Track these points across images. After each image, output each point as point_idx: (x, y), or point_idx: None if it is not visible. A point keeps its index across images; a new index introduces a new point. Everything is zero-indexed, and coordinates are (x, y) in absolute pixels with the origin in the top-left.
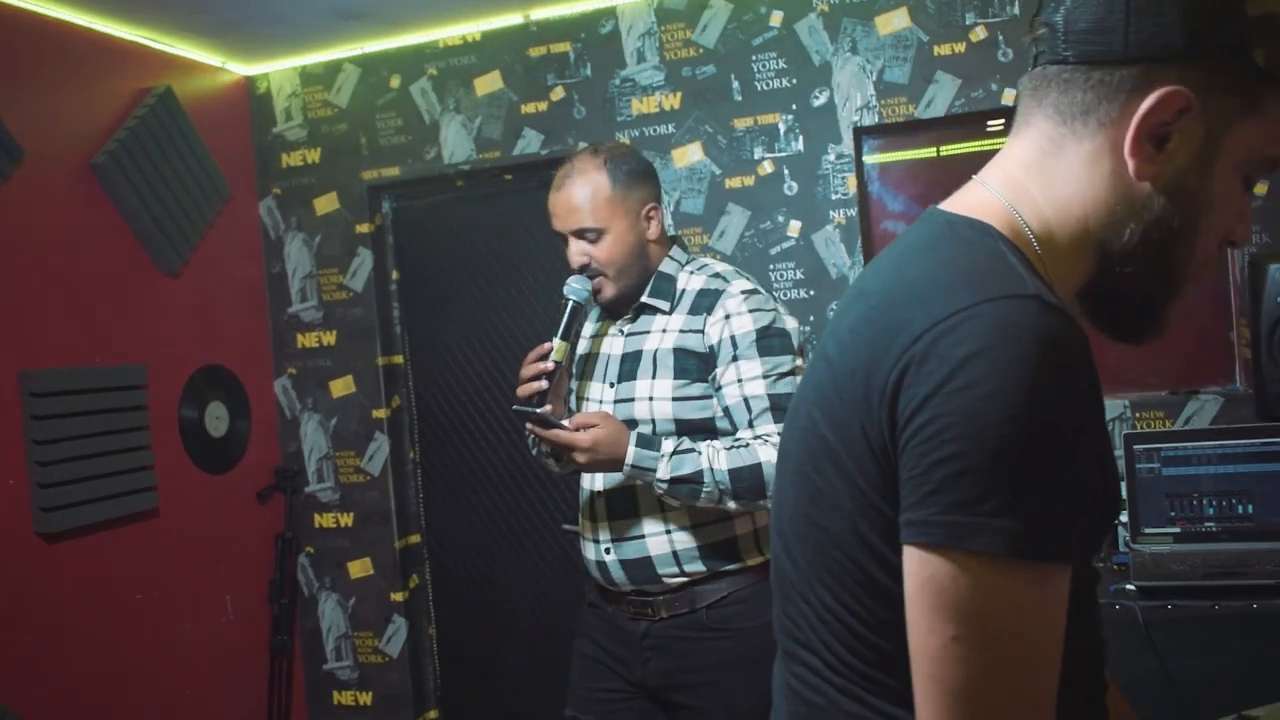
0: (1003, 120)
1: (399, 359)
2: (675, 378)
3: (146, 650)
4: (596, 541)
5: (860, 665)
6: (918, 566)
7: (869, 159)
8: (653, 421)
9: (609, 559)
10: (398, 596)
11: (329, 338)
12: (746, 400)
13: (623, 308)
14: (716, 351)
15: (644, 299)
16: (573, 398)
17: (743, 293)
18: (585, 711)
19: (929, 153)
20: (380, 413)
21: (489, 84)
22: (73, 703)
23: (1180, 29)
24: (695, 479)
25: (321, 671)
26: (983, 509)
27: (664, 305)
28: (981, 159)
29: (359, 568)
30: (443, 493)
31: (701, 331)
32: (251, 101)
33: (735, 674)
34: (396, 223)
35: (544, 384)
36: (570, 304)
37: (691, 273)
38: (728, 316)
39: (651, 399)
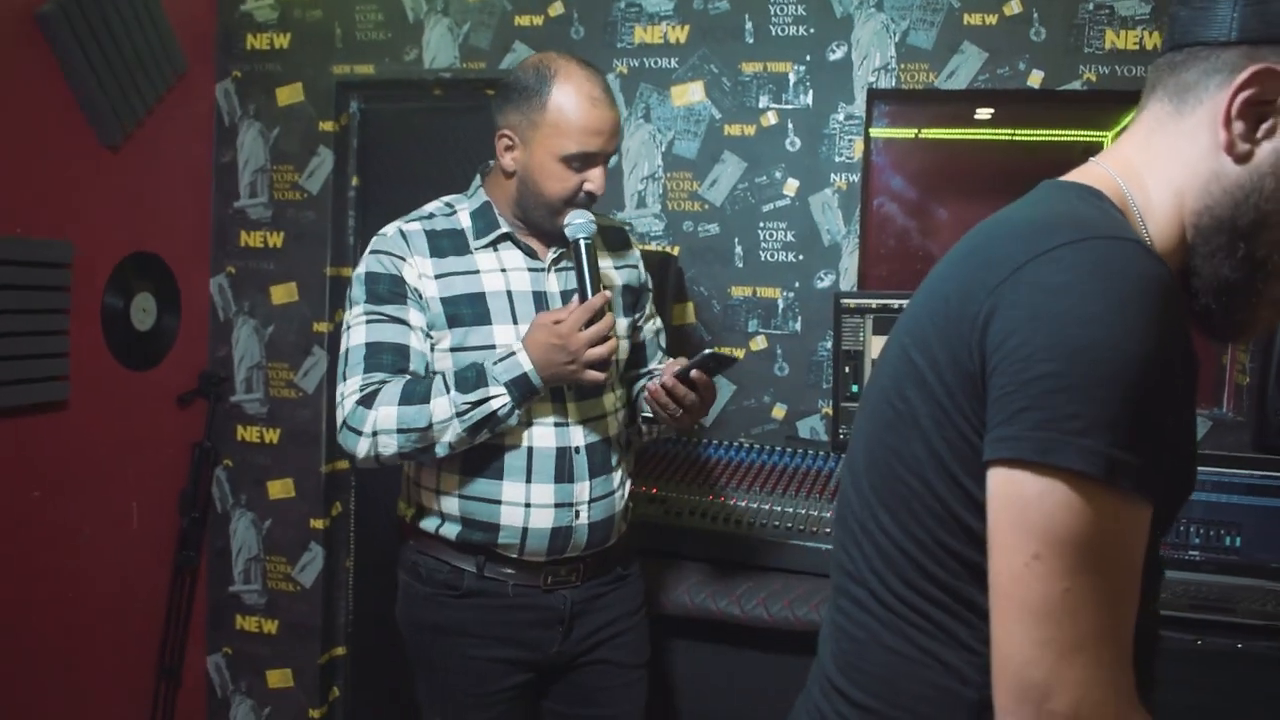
0: (991, 109)
1: (349, 271)
2: (625, 314)
3: (39, 553)
4: (563, 506)
5: (911, 596)
6: (1003, 483)
7: (876, 132)
8: (617, 361)
9: (578, 523)
10: (318, 524)
11: (275, 239)
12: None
13: (533, 237)
14: None
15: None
16: (483, 352)
17: None
18: (496, 715)
19: (908, 133)
20: (322, 326)
21: None
22: None
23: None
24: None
25: (227, 593)
26: (1072, 427)
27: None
28: (979, 144)
29: (279, 488)
30: None
31: (636, 269)
32: None
33: (635, 617)
34: (364, 125)
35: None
36: (585, 244)
37: None
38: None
39: (619, 336)
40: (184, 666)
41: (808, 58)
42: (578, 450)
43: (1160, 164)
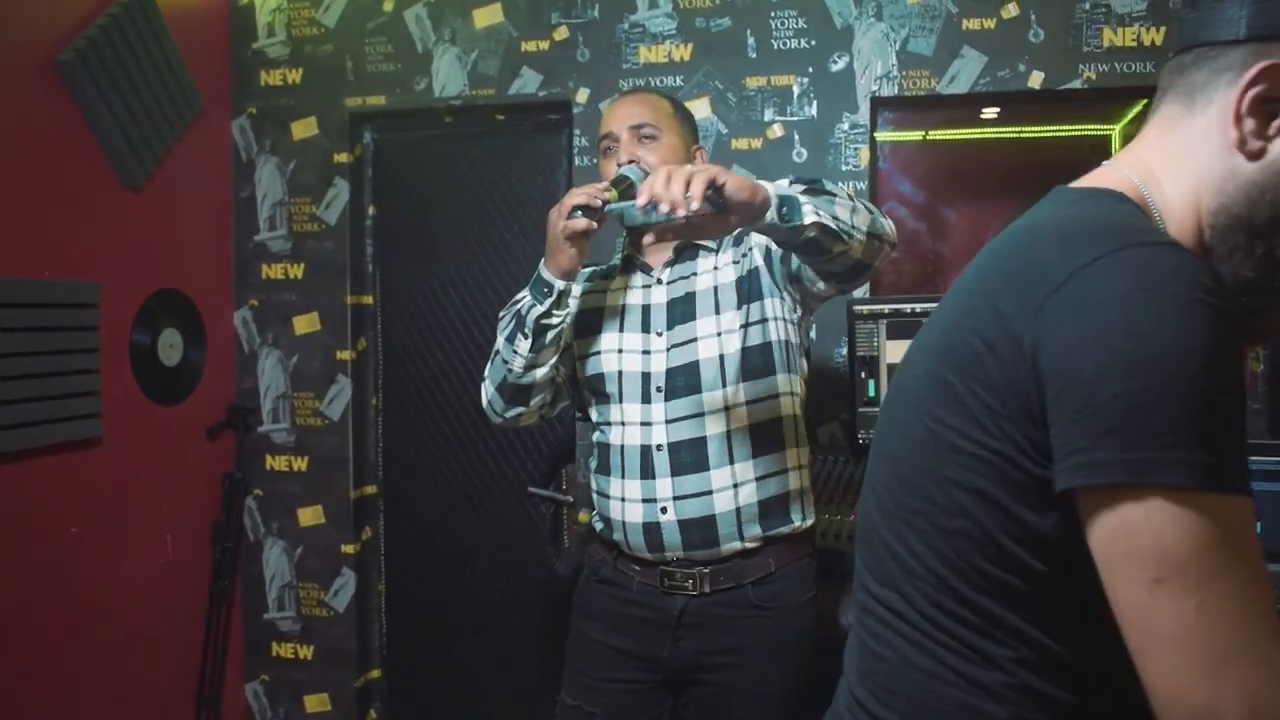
0: (997, 108)
1: (369, 299)
2: (740, 306)
3: (79, 587)
4: (648, 501)
5: (940, 617)
6: (1102, 512)
7: (881, 136)
8: (720, 358)
9: (665, 519)
10: (349, 549)
11: (296, 270)
12: None
13: (652, 253)
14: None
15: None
16: (593, 359)
17: None
18: (590, 702)
19: (916, 135)
20: (345, 354)
21: (489, 16)
22: None
23: None
24: (836, 193)
25: (262, 621)
26: (1162, 442)
27: (711, 243)
28: (998, 147)
29: (309, 515)
30: (404, 444)
31: (748, 256)
32: (233, 13)
33: (770, 654)
34: (378, 155)
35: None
36: (628, 182)
37: None
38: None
39: (720, 334)
40: (223, 695)
41: (810, 69)
42: (659, 448)
43: (1175, 165)
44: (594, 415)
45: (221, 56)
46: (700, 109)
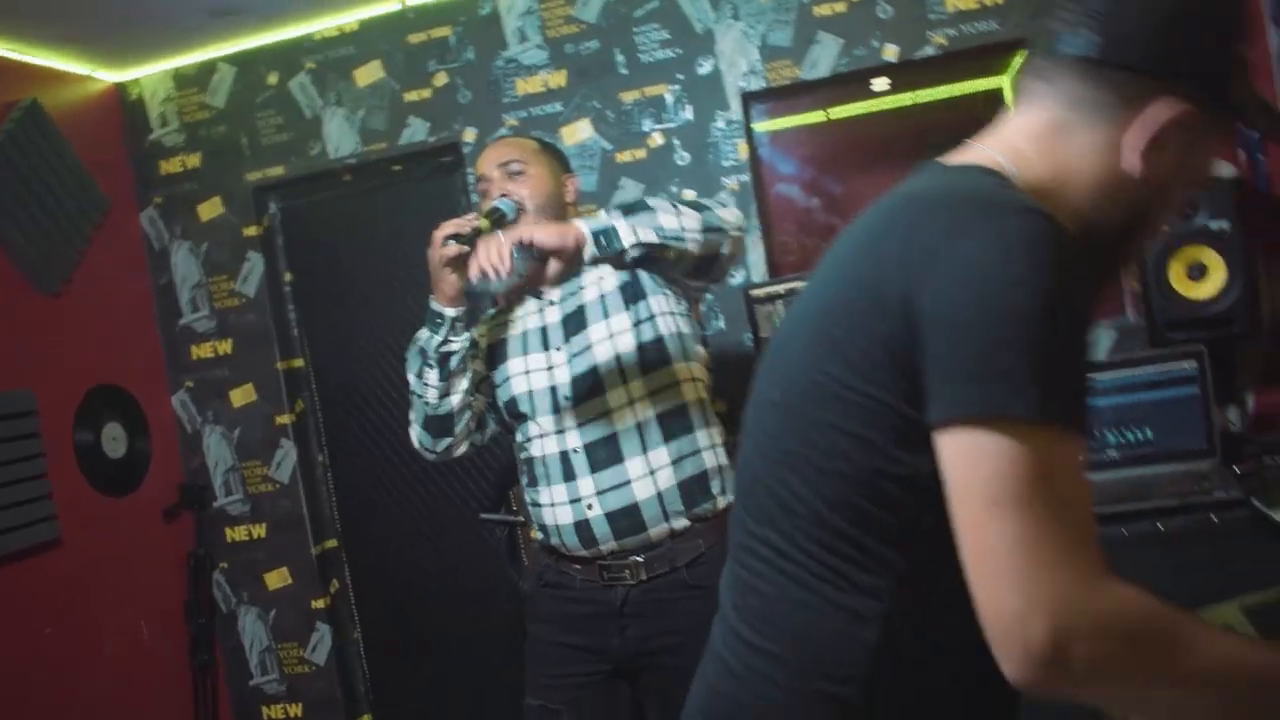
0: (888, 80)
1: (299, 362)
2: (627, 308)
3: (62, 685)
4: (575, 502)
5: (818, 551)
6: (955, 443)
7: (759, 126)
8: (618, 358)
9: (593, 515)
10: (319, 604)
11: (224, 346)
12: None
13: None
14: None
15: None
16: (504, 386)
17: None
18: (553, 700)
19: (818, 116)
20: (284, 418)
21: (370, 74)
22: None
23: (1197, 52)
24: (656, 207)
25: (248, 687)
26: (1013, 380)
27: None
28: (874, 120)
29: (276, 578)
30: (356, 494)
31: None
32: (124, 109)
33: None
34: (286, 223)
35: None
36: (500, 213)
37: None
38: None
39: (612, 336)
40: None
41: (680, 76)
42: (576, 451)
43: (1061, 164)
44: (517, 436)
45: (120, 152)
46: (582, 130)
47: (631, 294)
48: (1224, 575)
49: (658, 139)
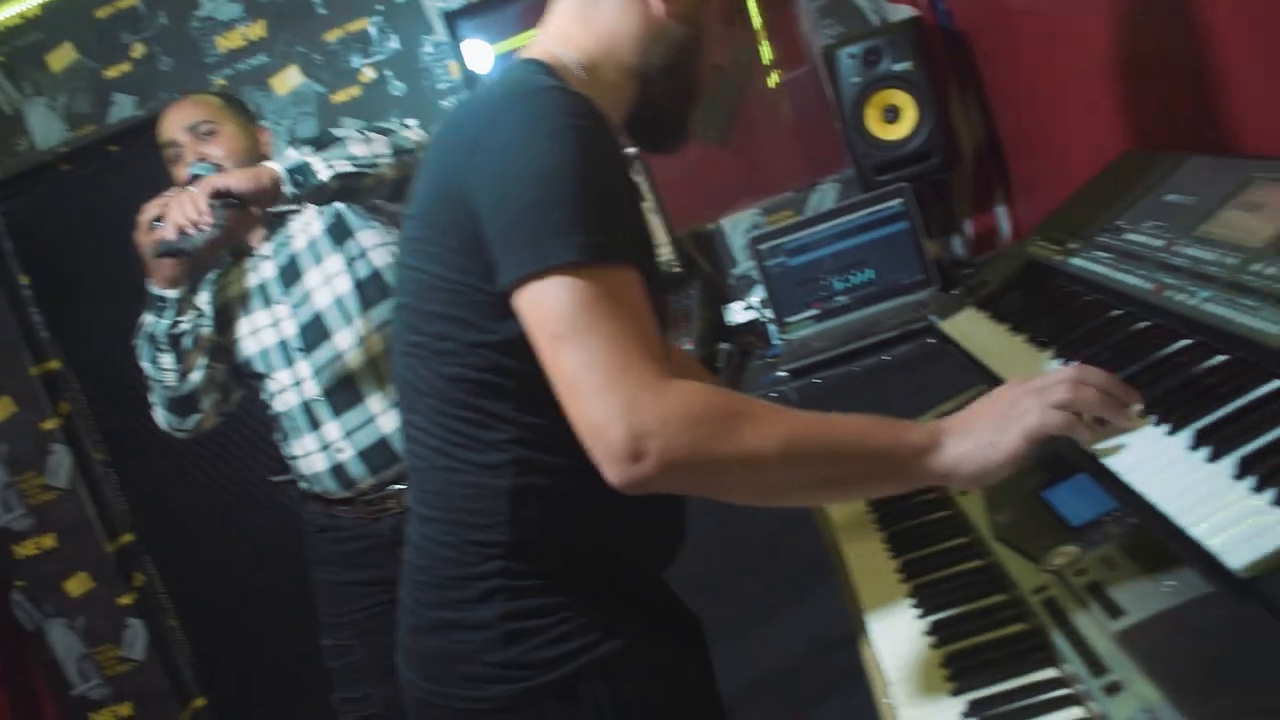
0: None
1: (55, 364)
2: (337, 248)
3: None
4: (325, 449)
5: (449, 421)
6: (524, 299)
7: (500, 48)
8: (338, 300)
9: (345, 457)
10: (125, 600)
11: None
12: None
13: (251, 238)
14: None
15: (271, 210)
16: (238, 349)
17: None
18: (342, 636)
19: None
20: (50, 424)
21: (64, 57)
22: None
23: None
24: (344, 137)
25: (72, 699)
26: (555, 232)
27: (297, 206)
28: None
29: (77, 584)
30: (144, 483)
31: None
32: None
33: None
34: (11, 225)
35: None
36: (195, 176)
37: None
38: None
39: (328, 280)
40: None
41: (379, 7)
42: (316, 399)
43: (600, 30)
44: (262, 395)
45: None
46: (293, 77)
47: (339, 234)
48: (937, 393)
49: (369, 73)
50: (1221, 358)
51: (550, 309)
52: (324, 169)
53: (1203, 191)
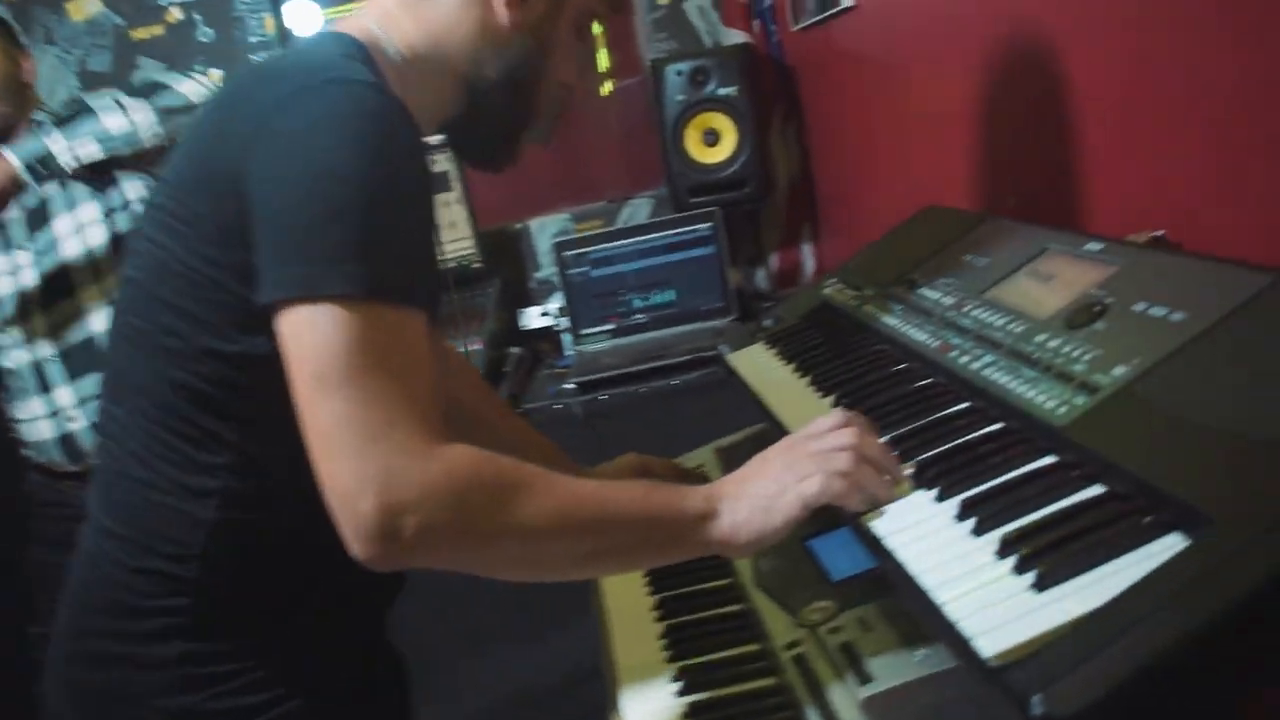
0: None
1: None
2: (97, 196)
3: None
4: (54, 415)
5: (160, 431)
6: (285, 324)
7: (330, 12)
8: (89, 253)
9: (77, 428)
10: None
11: None
12: None
13: None
14: None
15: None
16: None
17: None
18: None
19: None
20: None
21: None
22: None
23: None
24: (98, 109)
25: None
26: (333, 256)
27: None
28: None
29: None
30: None
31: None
32: None
33: None
34: None
35: None
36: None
37: None
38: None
39: (80, 228)
40: None
41: None
42: (49, 360)
43: (431, 24)
44: None
45: None
46: (90, 4)
47: (101, 180)
48: (721, 422)
49: (177, 13)
50: (997, 425)
51: (317, 343)
52: (68, 157)
53: (998, 255)
